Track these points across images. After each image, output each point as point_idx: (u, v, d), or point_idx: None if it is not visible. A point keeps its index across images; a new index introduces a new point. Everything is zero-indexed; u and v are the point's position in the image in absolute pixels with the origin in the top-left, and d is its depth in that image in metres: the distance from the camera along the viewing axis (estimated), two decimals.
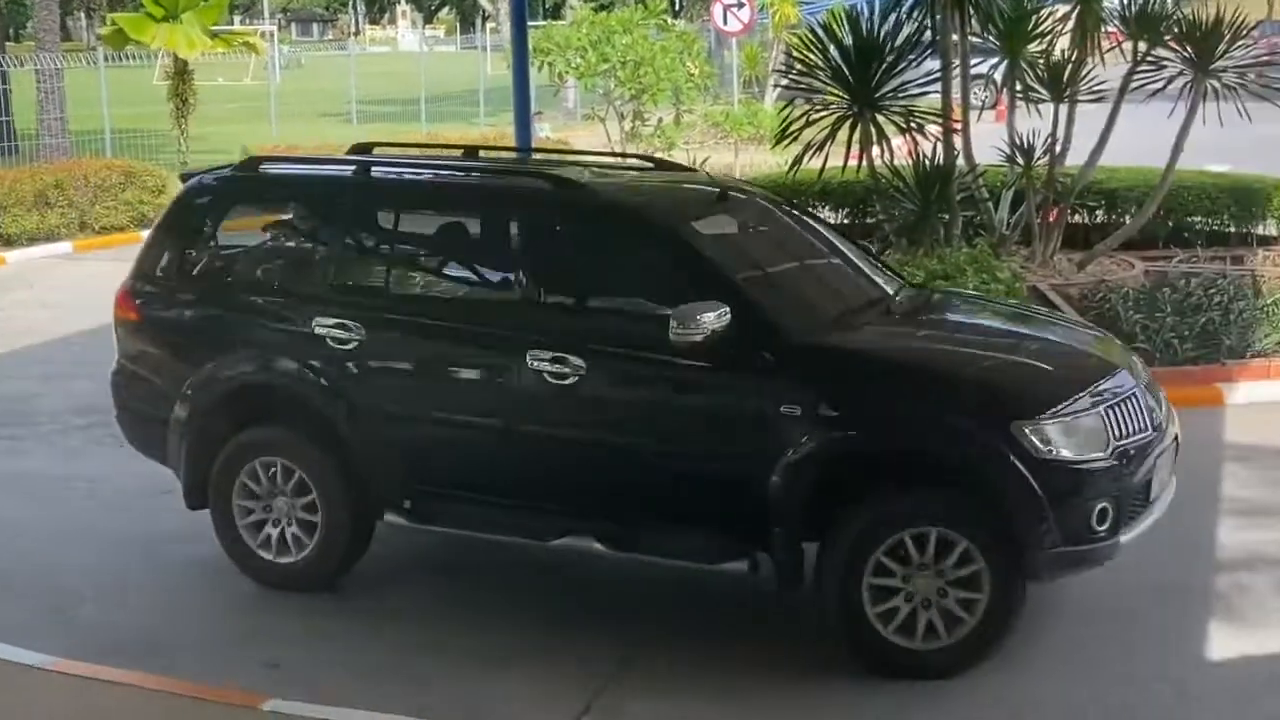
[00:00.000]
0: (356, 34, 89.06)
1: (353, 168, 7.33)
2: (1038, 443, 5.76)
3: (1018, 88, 11.18)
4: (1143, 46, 11.03)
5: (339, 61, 46.32)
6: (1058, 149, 11.17)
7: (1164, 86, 10.92)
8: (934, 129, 10.54)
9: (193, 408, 7.03)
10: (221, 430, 7.02)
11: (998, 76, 11.37)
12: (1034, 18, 11.12)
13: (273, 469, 6.92)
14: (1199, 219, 14.08)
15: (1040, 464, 5.74)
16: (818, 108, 10.51)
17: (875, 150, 10.43)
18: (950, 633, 5.91)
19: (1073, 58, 11.12)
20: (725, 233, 6.97)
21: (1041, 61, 11.24)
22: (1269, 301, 11.09)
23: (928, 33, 10.63)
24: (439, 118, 31.01)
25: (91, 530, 7.98)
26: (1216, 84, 10.80)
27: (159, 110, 24.37)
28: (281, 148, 22.03)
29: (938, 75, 10.68)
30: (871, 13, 10.41)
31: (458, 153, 8.61)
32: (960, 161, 10.82)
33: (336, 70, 40.67)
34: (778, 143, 10.76)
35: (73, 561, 7.50)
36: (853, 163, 10.34)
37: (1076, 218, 13.70)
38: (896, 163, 10.92)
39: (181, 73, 21.69)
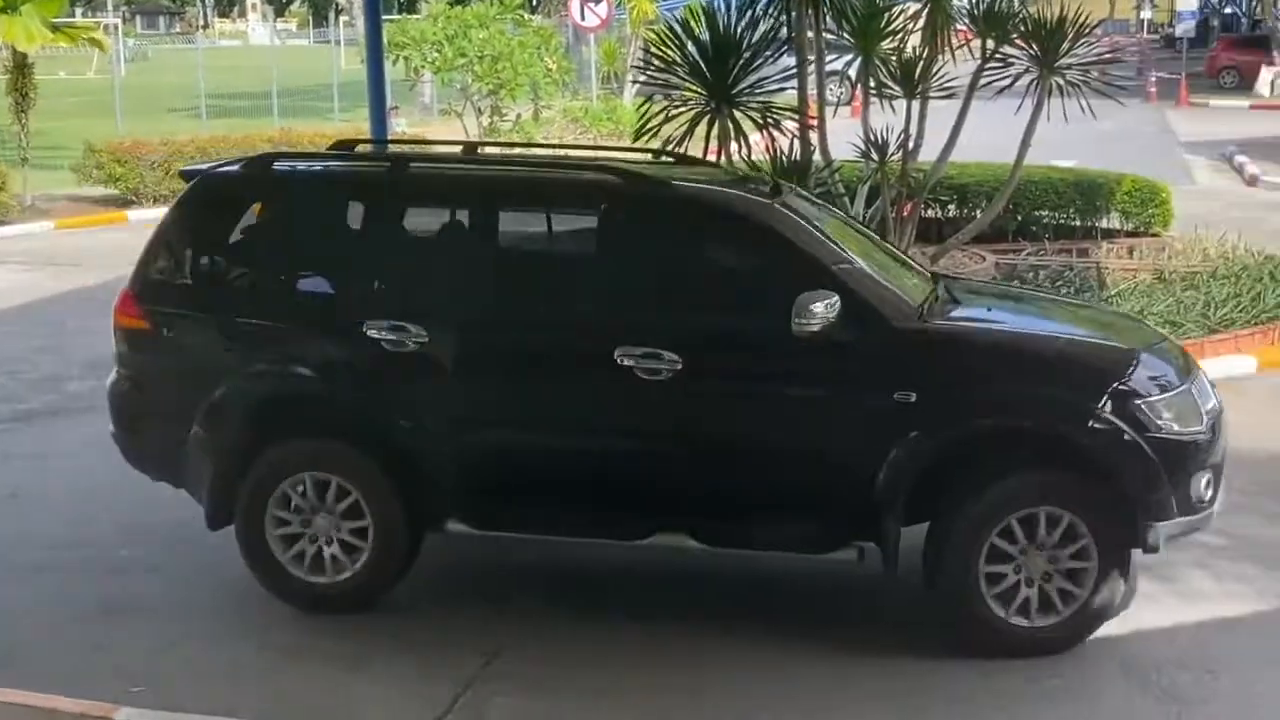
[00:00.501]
0: (205, 27, 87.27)
1: (388, 163, 6.99)
2: (1155, 419, 6.02)
3: (871, 84, 11.32)
4: (991, 44, 11.24)
5: (187, 55, 45.33)
6: (911, 145, 11.33)
7: (1011, 83, 11.14)
8: (791, 125, 10.62)
9: (219, 422, 6.56)
10: (253, 445, 6.57)
11: (852, 73, 11.47)
12: (886, 15, 11.24)
13: (312, 485, 6.51)
14: (1046, 213, 14.50)
15: (1157, 440, 6.01)
16: (676, 104, 10.53)
17: (733, 146, 10.49)
18: (1064, 608, 6.10)
19: (924, 55, 11.29)
20: (803, 223, 6.75)
21: (894, 58, 11.38)
22: (1113, 293, 11.42)
23: (784, 30, 10.71)
24: (292, 112, 30.50)
25: None
26: (1061, 81, 11.04)
27: None
28: (128, 143, 21.58)
29: (794, 72, 10.75)
30: (728, 9, 10.46)
31: (456, 149, 8.22)
32: (817, 157, 10.91)
33: (184, 64, 39.78)
34: (637, 138, 10.77)
35: None
36: (711, 158, 10.38)
37: (930, 212, 13.97)
38: (754, 158, 11.00)
39: (21, 66, 21.00)
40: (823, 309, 5.94)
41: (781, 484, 6.27)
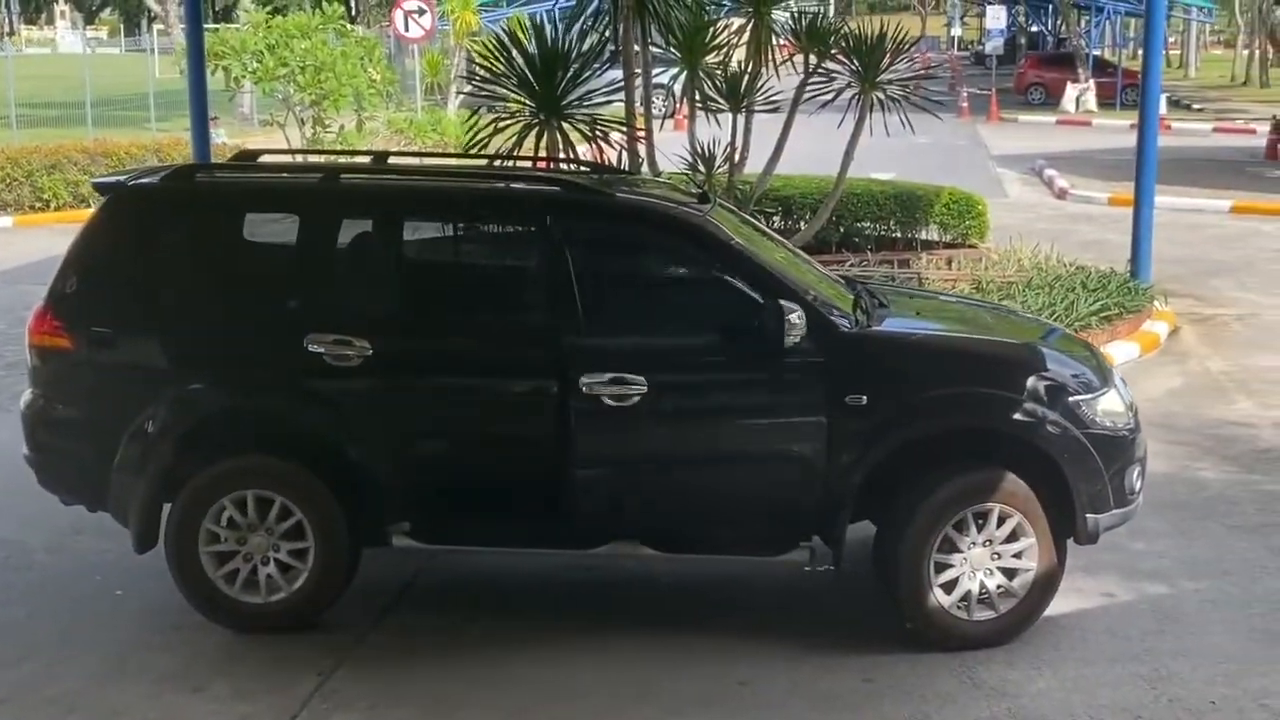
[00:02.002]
0: (11, 34, 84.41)
1: (319, 175, 6.81)
2: (1092, 416, 6.38)
3: (697, 97, 11.48)
4: (813, 59, 11.48)
5: None
6: (736, 157, 11.50)
7: (834, 98, 11.38)
8: (619, 136, 10.71)
9: (150, 442, 6.33)
10: (186, 465, 6.36)
11: (678, 87, 11.56)
12: (711, 29, 11.42)
13: (249, 503, 6.35)
14: (868, 224, 14.85)
15: (1096, 435, 6.36)
16: (504, 116, 10.55)
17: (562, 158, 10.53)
18: (998, 606, 6.38)
19: (748, 69, 11.49)
20: (743, 234, 6.82)
21: (720, 72, 11.57)
22: None
23: (611, 43, 10.80)
24: (107, 122, 29.67)
25: None
26: (881, 96, 11.33)
27: None
28: None
29: (621, 84, 10.85)
30: (554, 22, 10.53)
31: (365, 159, 8.06)
32: (645, 168, 11.03)
33: None
34: (468, 150, 10.74)
35: None
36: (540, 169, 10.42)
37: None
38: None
39: None
40: (798, 319, 6.08)
41: (735, 489, 6.41)
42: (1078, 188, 22.87)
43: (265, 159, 7.59)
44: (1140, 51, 25.11)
